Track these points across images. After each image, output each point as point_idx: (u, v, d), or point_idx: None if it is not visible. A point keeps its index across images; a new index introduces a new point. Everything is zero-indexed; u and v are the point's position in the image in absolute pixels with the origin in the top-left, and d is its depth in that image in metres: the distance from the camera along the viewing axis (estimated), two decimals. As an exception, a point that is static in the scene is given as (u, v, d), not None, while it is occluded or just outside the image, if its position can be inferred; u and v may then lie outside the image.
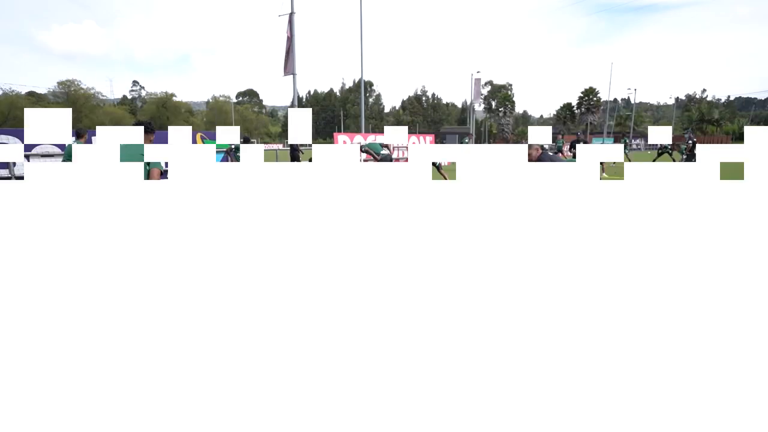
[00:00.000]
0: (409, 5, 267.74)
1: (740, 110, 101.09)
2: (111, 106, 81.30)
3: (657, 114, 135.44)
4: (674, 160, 17.38)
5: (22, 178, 7.19)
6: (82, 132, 7.91)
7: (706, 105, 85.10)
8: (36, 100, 71.76)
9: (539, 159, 4.86)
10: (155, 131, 4.49)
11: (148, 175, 4.28)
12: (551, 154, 4.97)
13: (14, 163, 10.99)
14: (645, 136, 66.83)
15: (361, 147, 11.41)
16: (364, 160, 19.21)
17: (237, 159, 12.93)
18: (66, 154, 7.50)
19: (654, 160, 21.17)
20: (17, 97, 66.37)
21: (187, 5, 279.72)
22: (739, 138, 73.02)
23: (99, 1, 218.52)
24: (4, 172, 10.85)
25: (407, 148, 21.35)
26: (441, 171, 13.02)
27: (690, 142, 15.30)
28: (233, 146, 12.97)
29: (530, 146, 5.09)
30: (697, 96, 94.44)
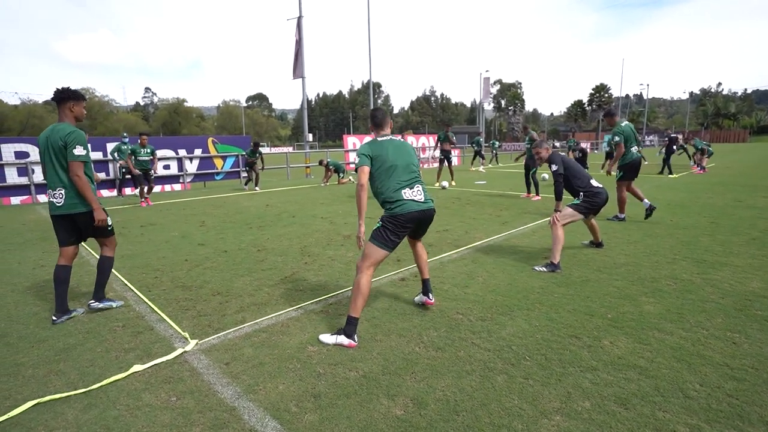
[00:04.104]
0: (417, 6, 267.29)
1: (758, 103, 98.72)
2: (124, 112, 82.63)
3: (671, 109, 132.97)
4: (689, 156, 16.97)
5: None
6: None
7: (721, 99, 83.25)
8: (53, 108, 73.21)
9: (549, 159, 4.82)
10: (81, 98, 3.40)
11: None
12: (562, 153, 4.87)
13: (33, 170, 11.23)
14: (660, 132, 65.68)
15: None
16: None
17: (253, 163, 13.03)
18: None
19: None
20: (34, 106, 67.85)
21: (196, 12, 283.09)
22: (757, 132, 71.34)
23: (112, 10, 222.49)
24: (24, 179, 11.09)
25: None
26: (451, 169, 12.85)
27: (666, 138, 15.41)
28: (247, 151, 13.40)
29: (539, 145, 5.01)
30: (713, 90, 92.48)
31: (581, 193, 4.68)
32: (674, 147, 15.22)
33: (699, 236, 5.68)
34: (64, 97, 3.30)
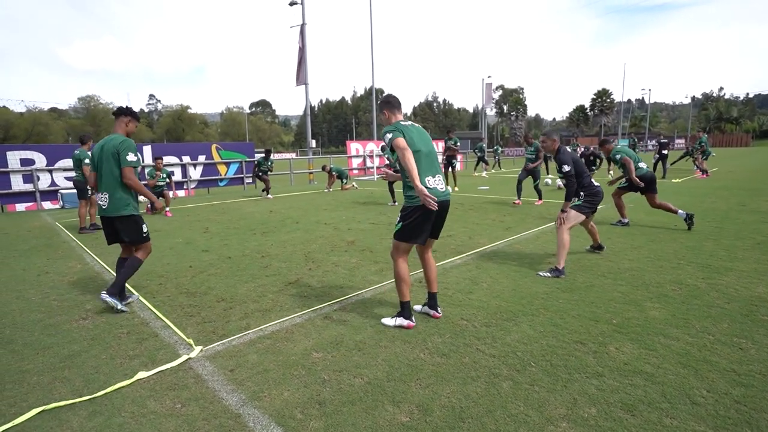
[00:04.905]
0: (419, 12, 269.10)
1: (760, 108, 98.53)
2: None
3: (673, 114, 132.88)
4: (694, 161, 16.89)
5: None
6: (86, 139, 7.93)
7: (723, 103, 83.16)
8: (58, 116, 73.83)
9: (560, 158, 4.58)
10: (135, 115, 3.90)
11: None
12: (570, 150, 4.71)
13: (38, 177, 11.31)
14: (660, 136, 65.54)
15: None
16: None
17: (264, 172, 12.78)
18: (73, 160, 7.63)
19: (672, 163, 20.46)
20: (40, 114, 68.40)
21: (200, 19, 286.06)
22: (759, 136, 71.15)
23: (116, 17, 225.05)
24: (29, 186, 11.17)
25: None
26: (455, 174, 12.94)
27: (657, 144, 15.95)
28: (259, 160, 12.94)
29: (548, 137, 4.73)
30: (714, 94, 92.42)
31: (582, 193, 4.65)
32: (665, 151, 15.77)
33: (703, 241, 5.66)
34: (125, 113, 3.82)
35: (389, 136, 2.97)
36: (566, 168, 4.50)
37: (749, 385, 2.36)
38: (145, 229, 3.85)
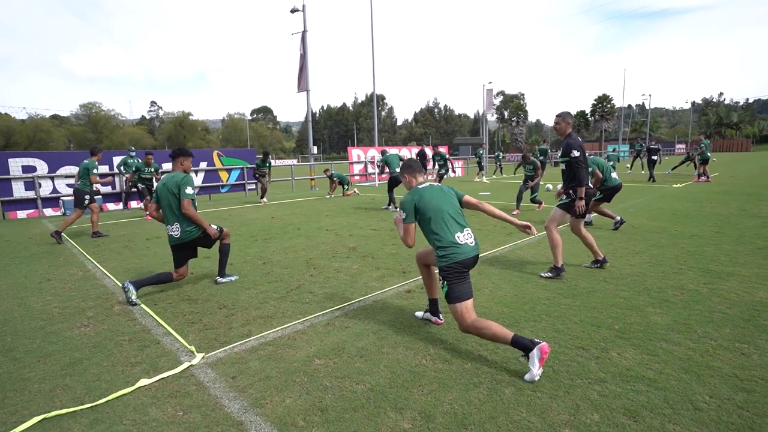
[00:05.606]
0: (420, 18, 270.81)
1: (760, 113, 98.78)
2: (130, 126, 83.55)
3: (673, 119, 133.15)
4: (694, 166, 16.91)
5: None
6: (96, 151, 7.94)
7: (723, 108, 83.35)
8: (59, 123, 74.20)
9: (569, 143, 4.41)
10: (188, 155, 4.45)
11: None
12: (580, 140, 4.50)
13: (40, 184, 11.35)
14: (662, 142, 65.70)
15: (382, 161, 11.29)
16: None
17: (262, 174, 13.00)
18: (81, 169, 7.58)
19: (674, 168, 20.50)
20: (42, 121, 68.72)
21: (202, 26, 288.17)
22: (760, 141, 71.25)
23: (119, 23, 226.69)
24: (31, 193, 11.21)
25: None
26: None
27: (646, 150, 16.61)
28: (257, 161, 13.32)
29: (563, 119, 4.52)
30: (714, 99, 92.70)
31: (570, 192, 4.49)
32: (655, 157, 16.60)
33: (704, 246, 5.65)
34: (180, 154, 4.37)
35: (403, 215, 3.04)
36: (576, 153, 4.36)
37: (752, 391, 2.36)
38: (215, 227, 4.43)
